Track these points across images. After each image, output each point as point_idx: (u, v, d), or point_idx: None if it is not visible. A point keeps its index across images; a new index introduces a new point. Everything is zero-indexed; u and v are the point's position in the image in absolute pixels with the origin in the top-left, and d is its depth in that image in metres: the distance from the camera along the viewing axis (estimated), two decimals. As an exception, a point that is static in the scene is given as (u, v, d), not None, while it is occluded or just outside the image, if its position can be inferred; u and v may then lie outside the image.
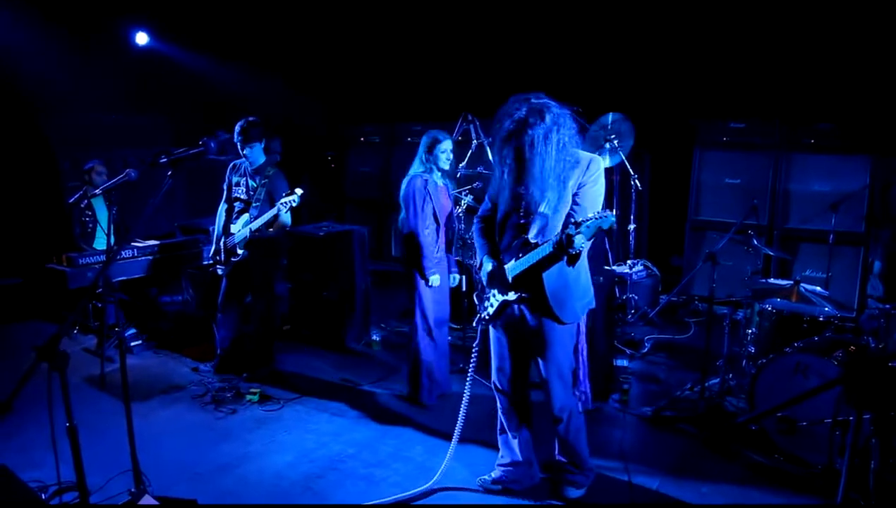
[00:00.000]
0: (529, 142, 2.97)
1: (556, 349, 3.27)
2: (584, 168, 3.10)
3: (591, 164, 3.12)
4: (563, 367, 3.32)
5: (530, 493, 3.58)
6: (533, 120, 2.97)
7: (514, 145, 3.04)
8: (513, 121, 3.02)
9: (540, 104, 3.02)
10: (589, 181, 3.11)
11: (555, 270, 3.12)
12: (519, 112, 3.01)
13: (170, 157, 3.26)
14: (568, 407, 3.38)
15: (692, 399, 4.63)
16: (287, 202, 4.80)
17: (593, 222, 2.79)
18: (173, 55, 8.83)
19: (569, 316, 3.21)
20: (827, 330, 4.16)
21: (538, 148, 2.97)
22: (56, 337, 2.29)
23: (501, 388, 3.51)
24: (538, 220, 3.11)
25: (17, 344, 6.02)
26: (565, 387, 3.34)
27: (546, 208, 3.07)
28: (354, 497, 3.57)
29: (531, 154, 2.98)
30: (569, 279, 3.17)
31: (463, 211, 6.29)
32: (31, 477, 3.58)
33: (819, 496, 3.57)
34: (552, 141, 2.97)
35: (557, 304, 3.17)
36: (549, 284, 3.15)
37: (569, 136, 3.03)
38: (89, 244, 6.11)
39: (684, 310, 6.81)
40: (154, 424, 4.44)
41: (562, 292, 3.18)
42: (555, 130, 2.98)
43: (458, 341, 5.88)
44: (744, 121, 6.90)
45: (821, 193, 6.46)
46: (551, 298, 3.16)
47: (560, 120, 3.01)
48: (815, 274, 6.42)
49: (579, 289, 3.25)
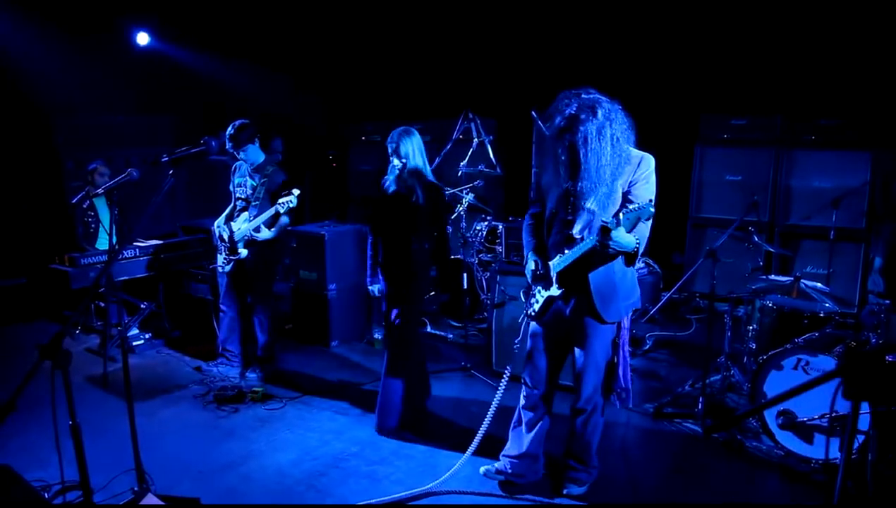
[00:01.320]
0: (583, 139, 2.94)
1: (596, 344, 3.28)
2: (634, 166, 3.08)
3: (643, 162, 3.10)
4: (601, 362, 3.33)
5: (532, 488, 3.59)
6: (585, 116, 2.93)
7: (566, 142, 3.00)
8: (564, 118, 2.98)
9: (591, 99, 2.98)
10: (640, 179, 3.08)
11: (601, 269, 3.12)
12: (570, 108, 2.97)
13: (171, 156, 3.27)
14: (594, 401, 3.39)
15: (693, 395, 4.64)
16: (285, 203, 4.80)
17: (632, 212, 2.77)
18: (175, 55, 8.85)
19: (612, 314, 3.21)
20: (828, 326, 4.16)
21: (592, 144, 2.93)
22: (59, 336, 2.31)
23: (531, 384, 3.50)
24: (584, 216, 3.09)
25: (21, 344, 6.04)
26: (598, 382, 3.35)
27: (593, 204, 3.04)
28: (357, 494, 3.59)
29: (585, 150, 2.95)
30: (615, 277, 3.16)
31: (464, 209, 6.31)
32: (34, 477, 3.60)
33: (819, 490, 3.58)
34: (606, 136, 2.94)
35: (602, 303, 3.17)
36: (594, 282, 3.14)
37: (621, 132, 3.00)
38: (92, 244, 6.13)
39: (685, 307, 6.82)
40: (157, 423, 4.46)
41: (607, 290, 3.17)
42: (608, 125, 2.95)
43: (461, 339, 5.90)
44: (745, 117, 6.90)
45: (822, 189, 6.46)
46: (596, 296, 3.16)
47: (612, 115, 2.98)
48: (815, 271, 6.42)
49: (625, 288, 3.24)
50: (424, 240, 4.09)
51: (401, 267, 4.12)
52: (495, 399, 3.73)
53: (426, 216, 4.05)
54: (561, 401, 3.64)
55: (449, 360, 5.58)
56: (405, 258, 4.08)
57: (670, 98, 7.28)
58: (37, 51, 7.31)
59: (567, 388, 3.82)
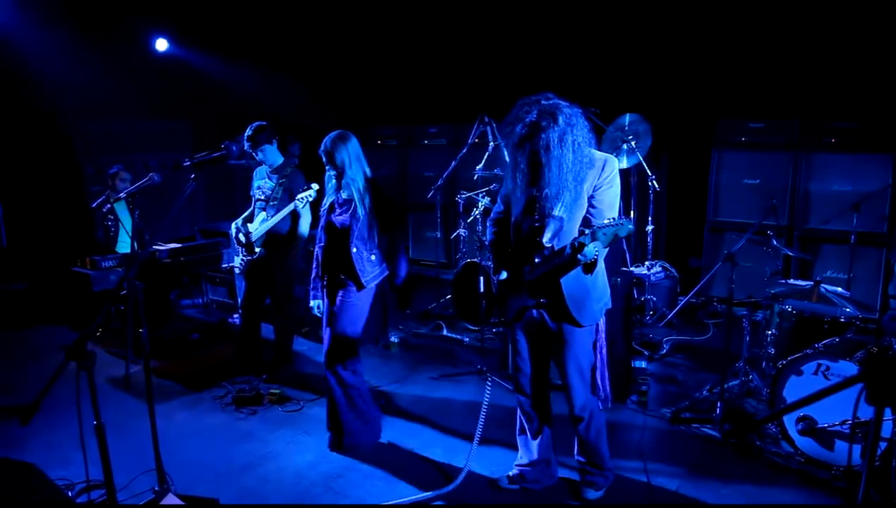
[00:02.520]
0: (545, 146, 2.91)
1: (575, 349, 3.26)
2: (599, 169, 3.06)
3: (607, 165, 3.07)
4: (584, 366, 3.31)
5: (548, 493, 3.59)
6: (545, 123, 2.91)
7: (528, 150, 2.98)
8: (524, 126, 2.96)
9: (551, 105, 2.96)
10: (605, 183, 3.07)
11: (572, 274, 3.10)
12: (530, 115, 2.95)
13: (192, 161, 3.32)
14: (589, 407, 3.38)
15: (711, 400, 4.61)
16: (304, 197, 4.86)
17: (609, 229, 2.75)
18: (193, 60, 8.95)
19: (587, 318, 3.21)
20: (848, 331, 4.11)
21: (554, 151, 2.91)
22: (83, 338, 2.35)
23: (522, 389, 3.51)
24: (553, 224, 3.07)
25: (44, 347, 6.13)
26: (586, 387, 3.34)
27: (561, 211, 3.03)
28: (374, 496, 3.60)
29: (547, 157, 2.93)
30: (586, 282, 3.15)
31: (480, 213, 6.31)
32: (57, 476, 3.65)
33: (840, 497, 3.55)
34: (567, 142, 2.92)
35: (576, 308, 3.16)
36: (567, 288, 3.13)
37: (583, 136, 2.98)
38: (112, 248, 6.21)
39: (703, 312, 6.78)
40: (176, 424, 4.50)
41: (580, 295, 3.16)
42: (569, 131, 2.93)
43: (476, 342, 5.90)
44: (763, 120, 6.85)
45: (841, 193, 6.39)
46: (570, 302, 3.14)
47: (573, 120, 2.96)
48: (836, 275, 6.35)
49: (597, 291, 3.23)
50: (368, 250, 3.92)
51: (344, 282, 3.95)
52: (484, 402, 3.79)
53: (368, 225, 3.88)
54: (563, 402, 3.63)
55: (465, 364, 5.59)
56: (348, 271, 3.90)
57: (688, 102, 7.25)
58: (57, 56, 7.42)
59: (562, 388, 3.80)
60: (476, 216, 6.31)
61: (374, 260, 3.96)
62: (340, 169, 3.88)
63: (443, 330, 6.47)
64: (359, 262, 3.87)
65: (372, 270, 3.95)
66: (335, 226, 3.94)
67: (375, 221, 3.91)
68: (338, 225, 3.92)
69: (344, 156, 3.87)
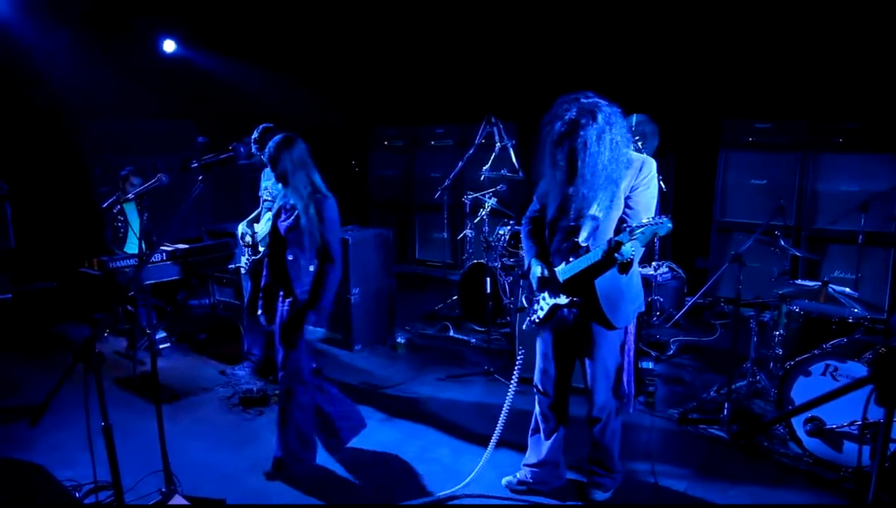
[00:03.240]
0: (583, 144, 2.91)
1: (604, 350, 3.26)
2: (636, 169, 3.05)
3: (644, 166, 3.07)
4: (610, 368, 3.31)
5: (556, 494, 3.58)
6: (585, 120, 2.90)
7: (566, 147, 2.97)
8: (564, 123, 2.95)
9: (590, 103, 2.95)
10: (641, 183, 3.06)
11: (607, 274, 3.08)
12: (569, 112, 2.94)
13: (200, 162, 3.33)
14: (608, 408, 3.37)
15: (719, 401, 4.59)
16: None
17: (648, 228, 2.73)
18: (200, 61, 8.98)
19: (620, 320, 3.19)
20: (856, 331, 4.10)
21: (591, 148, 2.91)
22: (91, 339, 2.36)
23: (543, 390, 3.49)
24: (589, 223, 3.06)
25: (52, 348, 6.16)
26: (609, 388, 3.33)
27: (597, 210, 3.02)
28: (380, 498, 3.60)
29: (585, 155, 2.92)
30: (621, 283, 3.13)
31: (487, 213, 6.31)
32: (65, 476, 3.66)
33: (849, 499, 3.53)
34: (605, 141, 2.91)
35: (610, 309, 3.14)
36: (601, 288, 3.11)
37: (621, 136, 2.97)
38: (120, 248, 6.23)
39: (710, 312, 6.76)
40: (183, 425, 4.51)
41: (614, 296, 3.14)
42: (608, 130, 2.92)
43: (483, 343, 5.90)
44: (769, 121, 6.83)
45: (849, 193, 6.37)
46: (604, 303, 3.13)
47: (612, 119, 2.95)
48: (843, 276, 6.33)
49: (631, 293, 3.22)
50: (307, 260, 3.67)
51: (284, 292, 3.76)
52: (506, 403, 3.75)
53: (309, 234, 3.63)
54: (577, 404, 3.62)
55: (472, 364, 5.58)
56: (286, 282, 3.71)
57: (695, 102, 7.24)
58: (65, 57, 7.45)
59: (581, 391, 3.80)
60: (483, 217, 6.31)
61: (314, 271, 3.69)
62: (282, 176, 3.64)
63: (449, 331, 6.47)
64: (293, 271, 3.65)
65: (309, 282, 3.68)
66: (279, 233, 3.73)
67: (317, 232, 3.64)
68: (281, 231, 3.71)
69: (287, 165, 3.61)
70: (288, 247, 3.66)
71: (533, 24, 8.09)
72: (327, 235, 3.64)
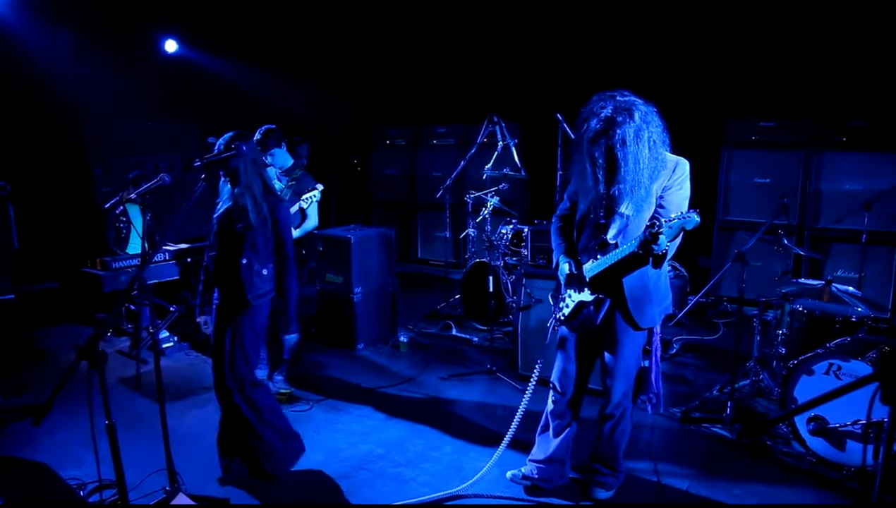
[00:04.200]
0: (621, 141, 2.89)
1: (627, 350, 3.25)
2: (670, 170, 3.04)
3: (678, 167, 3.06)
4: (631, 368, 3.31)
5: (559, 492, 3.58)
6: (622, 118, 2.89)
7: (603, 145, 2.94)
8: (600, 120, 2.93)
9: (627, 102, 2.94)
10: (675, 184, 3.05)
11: (636, 273, 3.07)
12: (605, 110, 2.92)
13: (203, 161, 3.33)
14: (623, 406, 3.37)
15: (721, 400, 4.59)
16: (308, 197, 4.89)
17: (676, 222, 2.71)
18: (201, 62, 8.99)
19: (646, 320, 3.18)
20: (860, 330, 4.09)
21: (630, 147, 2.89)
22: (95, 338, 2.36)
23: (561, 389, 3.47)
24: (618, 221, 3.06)
25: (55, 347, 6.17)
26: (627, 387, 3.33)
27: (628, 209, 3.01)
28: (384, 496, 3.61)
29: (623, 153, 2.90)
30: (649, 283, 3.12)
31: (489, 212, 6.31)
32: (69, 475, 3.67)
33: (853, 498, 3.52)
34: (643, 139, 2.90)
35: (636, 308, 3.14)
36: (629, 287, 3.10)
37: (658, 135, 2.97)
38: (123, 248, 6.23)
39: (713, 311, 6.75)
40: (187, 424, 4.51)
41: (641, 296, 3.13)
42: (645, 128, 2.91)
43: (486, 342, 5.90)
44: (773, 119, 6.82)
45: (853, 192, 6.36)
46: (630, 302, 3.12)
47: (648, 117, 2.94)
48: (847, 275, 6.32)
49: (659, 294, 3.21)
50: (260, 264, 3.57)
51: (232, 297, 3.58)
52: (523, 402, 3.73)
53: (262, 237, 3.55)
54: (588, 406, 3.62)
55: (474, 363, 5.58)
56: (236, 286, 3.55)
57: (697, 100, 7.22)
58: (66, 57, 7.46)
59: (595, 392, 3.80)
60: (485, 215, 6.30)
61: (266, 275, 3.59)
62: (234, 174, 3.51)
63: (452, 330, 6.47)
64: (246, 275, 3.52)
65: (261, 286, 3.58)
66: (228, 235, 3.57)
67: (272, 235, 3.58)
68: (232, 233, 3.56)
69: (238, 162, 3.48)
70: (244, 250, 3.52)
71: (535, 24, 8.09)
72: (284, 235, 3.62)
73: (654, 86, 7.59)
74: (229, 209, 3.59)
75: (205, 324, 3.71)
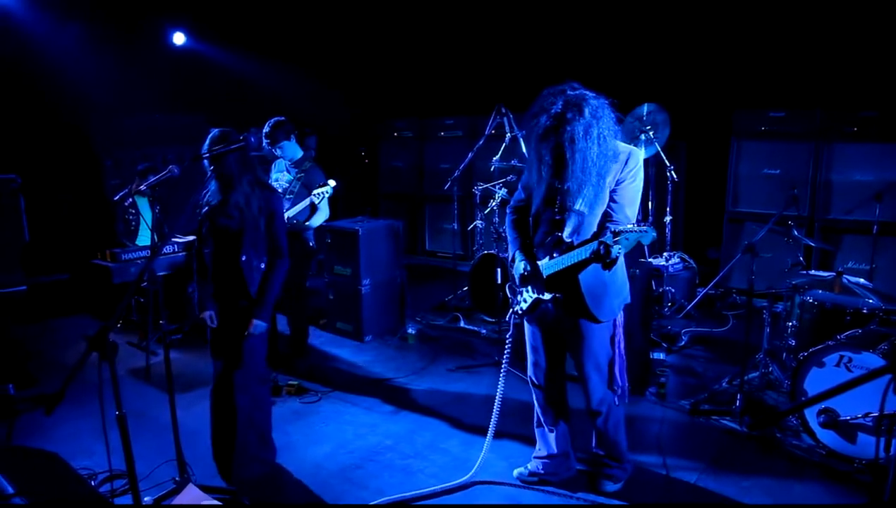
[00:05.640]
0: (569, 138, 2.86)
1: (593, 344, 3.24)
2: (622, 162, 3.01)
3: (630, 159, 3.03)
4: (601, 360, 3.29)
5: (567, 485, 3.58)
6: (571, 115, 2.85)
7: (552, 142, 2.92)
8: (549, 117, 2.90)
9: (576, 96, 2.90)
10: (627, 177, 3.02)
11: (590, 269, 3.06)
12: (555, 106, 2.89)
13: (212, 153, 3.33)
14: (607, 401, 3.36)
15: (731, 392, 4.57)
16: (321, 193, 4.89)
17: (633, 236, 2.70)
18: (209, 54, 9.00)
19: (605, 314, 3.18)
20: (871, 322, 4.05)
21: (579, 144, 2.86)
22: (105, 329, 2.36)
23: (537, 383, 3.50)
24: (573, 218, 3.04)
25: (66, 339, 6.21)
26: (603, 380, 3.31)
27: (582, 205, 3.00)
28: (392, 487, 3.62)
29: (571, 150, 2.88)
30: (605, 277, 3.11)
31: (497, 204, 6.29)
32: (80, 465, 3.70)
33: (863, 492, 3.50)
34: (593, 135, 2.87)
35: (595, 303, 3.13)
36: (585, 283, 3.10)
37: (608, 128, 2.93)
38: (132, 240, 6.27)
39: (722, 303, 6.72)
40: (195, 415, 4.53)
41: (598, 290, 3.13)
42: (595, 124, 2.88)
43: (493, 334, 5.90)
44: (783, 110, 6.76)
45: (864, 183, 6.30)
46: (588, 297, 3.12)
47: (599, 112, 2.91)
48: (858, 266, 6.27)
49: (615, 287, 3.20)
50: (258, 258, 3.58)
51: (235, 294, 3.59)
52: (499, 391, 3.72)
53: (257, 233, 3.55)
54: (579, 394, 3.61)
55: (482, 355, 5.59)
56: (238, 283, 3.56)
57: (707, 90, 7.17)
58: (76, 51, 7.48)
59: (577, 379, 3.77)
60: (493, 207, 6.29)
61: (265, 268, 3.62)
62: (225, 172, 3.49)
63: (460, 322, 6.47)
64: (247, 271, 3.54)
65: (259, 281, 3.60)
66: (224, 232, 3.56)
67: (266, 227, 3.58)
68: (227, 230, 3.55)
69: (229, 157, 3.45)
70: (242, 247, 3.53)
71: (543, 14, 8.04)
72: (278, 230, 3.61)
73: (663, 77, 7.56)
74: (220, 204, 3.55)
75: (210, 320, 3.70)
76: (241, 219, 3.51)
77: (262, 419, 3.77)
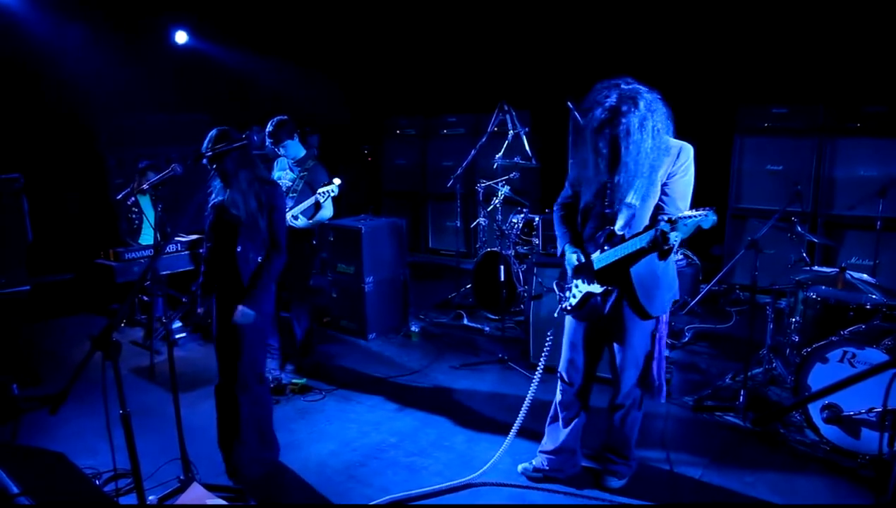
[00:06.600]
0: (625, 131, 2.86)
1: (637, 339, 3.24)
2: (674, 156, 3.01)
3: (682, 153, 3.02)
4: (640, 356, 3.29)
5: (572, 482, 3.58)
6: (626, 108, 2.85)
7: (608, 135, 2.91)
8: (605, 110, 2.89)
9: (631, 90, 2.90)
10: (679, 171, 3.01)
11: (643, 262, 3.03)
12: (609, 99, 2.89)
13: (214, 151, 3.34)
14: (633, 396, 3.36)
15: (734, 388, 4.57)
16: (326, 192, 4.89)
17: (692, 221, 2.65)
18: (213, 53, 9.00)
19: (656, 308, 3.16)
20: (875, 318, 4.05)
21: (634, 136, 2.86)
22: (108, 328, 2.37)
23: (569, 380, 3.46)
24: (625, 211, 3.03)
25: (70, 338, 6.23)
26: (637, 376, 3.32)
27: (634, 198, 2.98)
28: (397, 485, 3.62)
29: (627, 143, 2.87)
30: (658, 270, 3.09)
31: (500, 201, 6.29)
32: (85, 464, 3.71)
33: (867, 487, 3.50)
34: (647, 128, 2.87)
35: (646, 297, 3.11)
36: (637, 276, 3.08)
37: (662, 122, 2.93)
38: (135, 239, 6.28)
39: (725, 300, 6.72)
40: (200, 414, 4.54)
41: (650, 284, 3.11)
42: (649, 116, 2.87)
43: (497, 331, 5.90)
44: (786, 106, 6.74)
45: (867, 178, 6.29)
46: (640, 291, 3.10)
47: (653, 105, 2.90)
48: (861, 262, 6.26)
49: (668, 280, 3.18)
50: (255, 252, 3.60)
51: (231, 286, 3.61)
52: (529, 392, 3.72)
53: (255, 227, 3.56)
54: (598, 394, 3.62)
55: (486, 353, 5.59)
56: (233, 275, 3.59)
57: (709, 86, 7.15)
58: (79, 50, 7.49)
59: (604, 380, 3.79)
60: (496, 205, 6.29)
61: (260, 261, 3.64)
62: (225, 170, 3.53)
63: (463, 320, 6.47)
64: (242, 263, 3.57)
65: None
66: (223, 225, 3.61)
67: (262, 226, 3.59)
68: (227, 226, 3.60)
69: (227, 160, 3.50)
70: (238, 239, 3.56)
71: (546, 11, 8.03)
72: (277, 225, 3.63)
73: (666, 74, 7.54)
74: (224, 201, 3.60)
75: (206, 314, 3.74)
76: (240, 215, 3.53)
77: (262, 418, 3.77)
